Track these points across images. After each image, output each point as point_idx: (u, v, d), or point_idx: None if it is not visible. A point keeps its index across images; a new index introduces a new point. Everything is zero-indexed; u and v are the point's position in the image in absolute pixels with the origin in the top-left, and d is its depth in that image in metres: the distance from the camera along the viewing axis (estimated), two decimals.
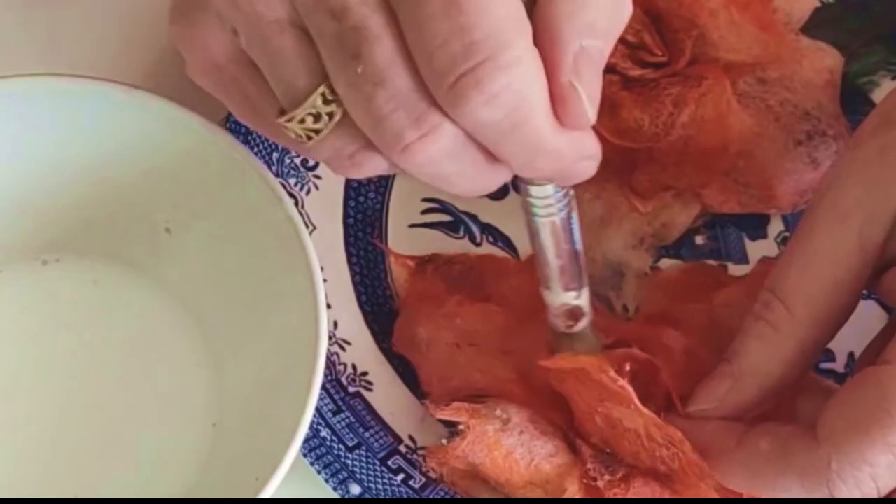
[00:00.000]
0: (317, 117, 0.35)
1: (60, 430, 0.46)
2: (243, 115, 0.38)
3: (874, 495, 0.37)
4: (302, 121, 0.35)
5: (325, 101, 0.34)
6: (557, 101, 0.34)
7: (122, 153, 0.45)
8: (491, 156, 0.35)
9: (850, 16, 0.51)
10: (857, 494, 0.37)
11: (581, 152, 0.36)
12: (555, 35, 0.33)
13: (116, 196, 0.46)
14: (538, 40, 0.33)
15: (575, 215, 0.39)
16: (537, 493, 0.43)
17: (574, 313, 0.40)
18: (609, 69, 0.49)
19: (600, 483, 0.41)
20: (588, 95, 0.34)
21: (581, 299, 0.40)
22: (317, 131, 0.35)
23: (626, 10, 0.35)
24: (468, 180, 0.35)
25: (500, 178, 0.36)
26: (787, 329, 0.40)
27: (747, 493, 0.40)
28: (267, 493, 0.39)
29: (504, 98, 0.32)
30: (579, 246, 0.40)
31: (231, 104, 0.38)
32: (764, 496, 0.39)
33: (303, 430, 0.40)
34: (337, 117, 0.34)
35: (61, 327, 0.48)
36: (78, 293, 0.48)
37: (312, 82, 0.34)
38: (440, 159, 0.34)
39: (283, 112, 0.35)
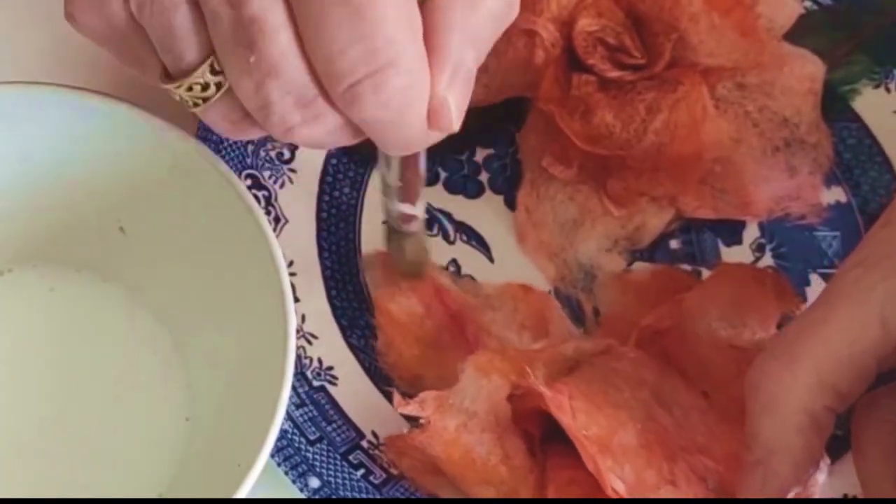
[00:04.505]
0: (204, 86, 0.35)
1: (37, 436, 0.46)
2: (132, 69, 0.38)
3: None
4: (189, 89, 0.35)
5: (213, 72, 0.35)
6: (431, 109, 0.35)
7: (66, 155, 0.44)
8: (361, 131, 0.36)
9: (833, 24, 0.51)
10: None
11: (439, 137, 0.36)
12: (439, 44, 0.34)
13: (65, 199, 0.45)
14: (425, 41, 0.34)
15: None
16: (490, 492, 0.43)
17: (406, 217, 0.44)
18: (587, 70, 0.49)
19: None
20: (457, 106, 0.35)
21: (415, 209, 0.44)
22: (204, 99, 0.36)
23: (513, 11, 0.36)
24: (334, 145, 0.37)
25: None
26: (792, 399, 0.38)
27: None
28: (251, 479, 0.39)
29: (395, 101, 0.33)
30: (422, 172, 0.42)
31: (121, 60, 0.38)
32: None
33: (279, 419, 0.39)
34: (224, 87, 0.35)
35: (24, 336, 0.47)
36: (36, 302, 0.47)
37: (201, 56, 0.35)
38: (320, 137, 0.35)
39: (169, 77, 0.36)
